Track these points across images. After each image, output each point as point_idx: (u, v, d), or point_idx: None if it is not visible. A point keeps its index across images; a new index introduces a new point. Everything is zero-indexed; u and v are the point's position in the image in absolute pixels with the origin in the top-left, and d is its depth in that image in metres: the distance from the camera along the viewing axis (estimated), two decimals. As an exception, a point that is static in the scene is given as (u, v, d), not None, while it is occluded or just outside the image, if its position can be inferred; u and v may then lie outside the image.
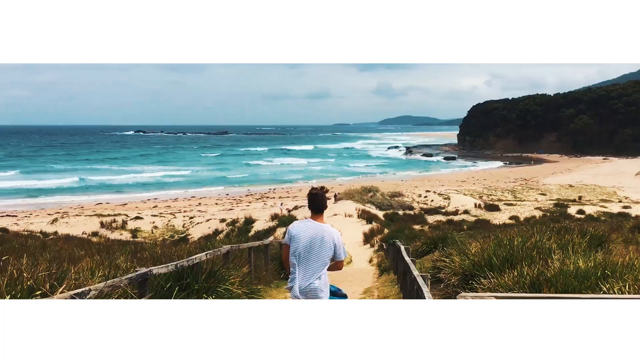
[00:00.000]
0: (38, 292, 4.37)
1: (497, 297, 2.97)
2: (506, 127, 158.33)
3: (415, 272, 6.15)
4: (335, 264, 5.30)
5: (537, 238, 9.06)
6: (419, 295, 5.49)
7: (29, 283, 4.44)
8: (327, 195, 5.43)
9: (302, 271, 5.10)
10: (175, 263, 7.22)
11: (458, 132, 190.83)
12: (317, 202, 5.29)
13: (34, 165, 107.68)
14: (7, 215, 51.52)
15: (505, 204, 51.04)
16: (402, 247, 10.22)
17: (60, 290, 4.47)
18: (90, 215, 47.61)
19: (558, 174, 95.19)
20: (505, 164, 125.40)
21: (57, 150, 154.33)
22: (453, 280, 8.15)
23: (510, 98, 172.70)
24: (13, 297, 4.19)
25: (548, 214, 41.57)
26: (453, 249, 9.91)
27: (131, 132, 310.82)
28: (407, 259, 7.82)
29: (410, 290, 7.57)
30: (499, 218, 41.25)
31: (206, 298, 7.52)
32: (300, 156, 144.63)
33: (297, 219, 39.71)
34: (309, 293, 5.05)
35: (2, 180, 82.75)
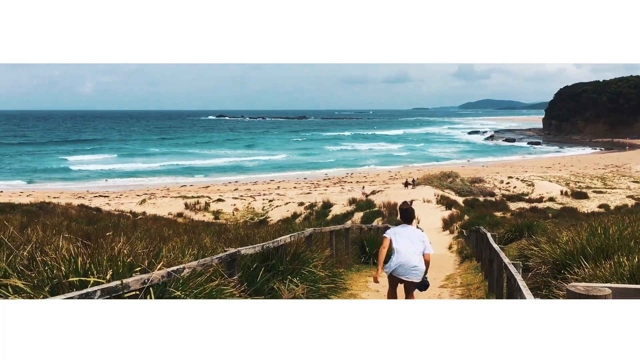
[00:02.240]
0: (137, 269, 4.58)
1: (612, 289, 2.76)
2: (596, 110, 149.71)
3: (506, 260, 5.95)
4: (426, 258, 6.98)
5: (634, 227, 8.53)
6: (510, 284, 5.32)
7: (128, 260, 4.66)
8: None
9: (402, 256, 6.81)
10: (261, 244, 7.37)
11: (543, 116, 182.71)
12: (408, 215, 7.18)
13: (128, 148, 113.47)
14: (100, 196, 54.60)
15: (594, 191, 48.56)
16: (489, 234, 9.95)
17: (158, 267, 4.67)
18: (175, 197, 49.63)
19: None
20: (596, 149, 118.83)
21: (152, 134, 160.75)
22: (543, 269, 7.83)
23: (601, 80, 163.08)
24: (115, 272, 4.41)
25: (642, 203, 39.22)
26: (542, 237, 9.52)
27: (213, 117, 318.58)
28: (495, 246, 7.59)
29: (498, 279, 7.36)
30: (587, 206, 39.35)
31: (291, 279, 7.64)
32: (383, 141, 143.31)
33: (374, 204, 39.51)
34: (407, 271, 6.80)
35: (101, 163, 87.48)
